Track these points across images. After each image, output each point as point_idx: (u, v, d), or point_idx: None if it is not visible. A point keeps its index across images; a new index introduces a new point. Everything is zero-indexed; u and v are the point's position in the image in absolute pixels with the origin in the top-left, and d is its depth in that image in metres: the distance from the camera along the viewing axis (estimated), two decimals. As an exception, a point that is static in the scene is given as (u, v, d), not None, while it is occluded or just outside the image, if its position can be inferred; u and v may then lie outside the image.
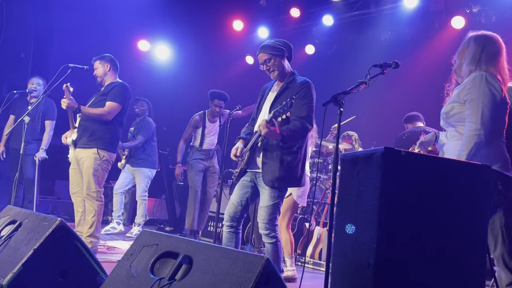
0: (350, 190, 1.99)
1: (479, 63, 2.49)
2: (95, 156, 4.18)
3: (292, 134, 3.00)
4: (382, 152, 1.82)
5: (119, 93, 4.32)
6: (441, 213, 1.89)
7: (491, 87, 2.36)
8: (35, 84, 5.46)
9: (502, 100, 2.37)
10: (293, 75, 3.23)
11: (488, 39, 2.57)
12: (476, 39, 2.58)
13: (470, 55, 2.54)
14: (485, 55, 2.50)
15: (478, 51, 2.52)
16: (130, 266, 2.05)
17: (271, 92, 3.27)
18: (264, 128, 2.87)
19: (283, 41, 3.25)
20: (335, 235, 2.09)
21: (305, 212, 5.60)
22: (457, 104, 2.48)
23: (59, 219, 2.27)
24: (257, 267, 1.66)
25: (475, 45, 2.55)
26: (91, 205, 4.16)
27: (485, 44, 2.54)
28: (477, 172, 1.99)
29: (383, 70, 2.66)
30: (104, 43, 7.23)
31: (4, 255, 2.28)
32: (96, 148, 4.19)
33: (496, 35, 2.62)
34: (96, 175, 4.19)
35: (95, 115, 4.21)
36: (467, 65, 2.54)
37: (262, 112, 3.27)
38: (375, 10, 7.12)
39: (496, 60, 2.50)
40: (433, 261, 1.85)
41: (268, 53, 3.17)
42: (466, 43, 2.63)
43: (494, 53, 2.52)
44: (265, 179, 3.04)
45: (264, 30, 8.20)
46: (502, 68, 2.50)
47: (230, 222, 3.18)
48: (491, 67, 2.47)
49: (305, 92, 3.09)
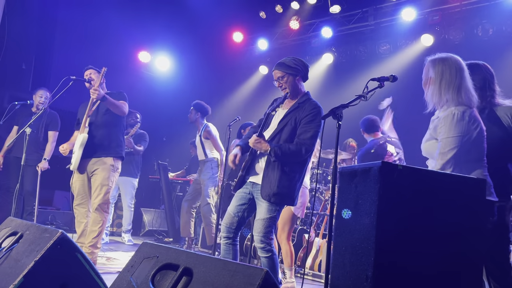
0: (348, 204, 2.02)
1: (440, 95, 2.46)
2: (111, 168, 4.19)
3: (283, 153, 3.03)
4: (379, 166, 1.85)
5: (125, 97, 4.42)
6: (438, 226, 1.92)
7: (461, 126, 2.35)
8: (43, 98, 5.52)
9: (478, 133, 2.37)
10: (306, 96, 3.24)
11: (445, 63, 2.50)
12: (433, 66, 2.53)
13: (431, 88, 2.51)
14: (444, 84, 2.45)
15: (437, 82, 2.48)
16: (131, 278, 2.06)
17: (281, 109, 3.26)
18: (253, 143, 3.06)
19: (300, 60, 3.25)
20: (334, 247, 2.11)
21: (304, 223, 5.60)
22: (434, 141, 2.48)
23: (60, 231, 2.28)
24: (257, 280, 1.68)
25: (434, 75, 2.50)
26: (100, 215, 4.14)
27: (443, 71, 2.48)
28: (473, 186, 2.02)
29: (381, 84, 2.69)
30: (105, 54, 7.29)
31: (5, 267, 2.29)
32: (111, 157, 4.22)
33: (453, 56, 2.54)
34: (110, 186, 4.21)
35: (117, 106, 4.23)
36: (430, 99, 2.52)
37: (271, 125, 3.28)
38: (373, 23, 7.20)
39: (457, 85, 2.44)
40: (431, 273, 1.87)
41: (282, 71, 3.19)
42: (425, 71, 2.59)
43: (452, 79, 2.45)
44: (263, 193, 3.07)
45: (264, 42, 8.29)
46: (465, 91, 2.44)
47: (226, 233, 3.20)
48: (453, 95, 2.42)
49: (313, 117, 3.10)
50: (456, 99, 2.43)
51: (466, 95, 2.43)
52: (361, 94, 2.63)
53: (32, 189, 5.36)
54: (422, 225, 1.89)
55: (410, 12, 6.63)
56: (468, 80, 2.49)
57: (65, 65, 7.08)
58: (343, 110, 2.67)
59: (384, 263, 1.80)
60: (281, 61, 3.24)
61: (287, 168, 3.07)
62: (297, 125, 3.12)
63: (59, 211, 7.08)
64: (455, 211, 1.97)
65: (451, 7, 6.46)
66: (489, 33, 6.18)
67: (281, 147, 3.04)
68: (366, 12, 7.24)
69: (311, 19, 7.89)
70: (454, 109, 2.40)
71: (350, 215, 1.93)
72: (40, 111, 4.83)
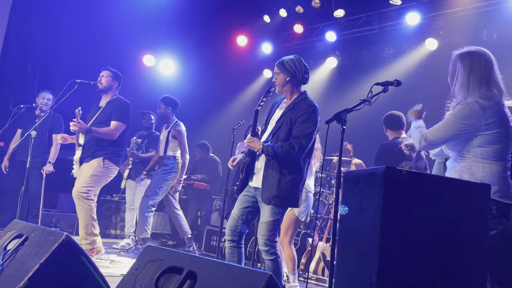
0: (352, 208, 2.02)
1: (468, 89, 2.47)
2: (98, 164, 4.34)
3: (275, 152, 3.05)
4: (383, 171, 1.85)
5: (124, 112, 4.50)
6: (442, 230, 1.92)
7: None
8: (46, 99, 5.55)
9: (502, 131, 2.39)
10: (302, 96, 3.27)
11: (474, 57, 2.53)
12: (462, 60, 2.54)
13: (459, 81, 2.52)
14: (473, 79, 2.47)
15: (465, 76, 2.49)
16: (135, 281, 2.07)
17: (279, 110, 3.33)
18: (247, 143, 3.11)
19: (298, 62, 3.28)
20: (338, 252, 2.11)
21: (308, 227, 5.59)
22: None
23: (65, 234, 2.29)
24: (261, 284, 1.68)
25: (462, 69, 2.52)
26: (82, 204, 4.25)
27: (471, 65, 2.50)
28: (477, 191, 2.02)
29: (385, 88, 2.69)
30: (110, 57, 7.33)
31: (10, 269, 2.31)
32: (101, 157, 4.37)
33: (481, 49, 2.57)
34: (94, 178, 4.29)
35: (103, 135, 4.38)
36: (458, 92, 2.53)
37: (269, 126, 3.31)
38: (377, 27, 7.21)
39: (487, 79, 2.46)
40: (435, 278, 1.86)
41: (277, 68, 3.30)
42: (453, 65, 2.60)
43: (483, 72, 2.47)
44: (263, 196, 3.09)
45: (268, 46, 8.31)
46: (495, 83, 2.46)
47: (231, 236, 3.20)
48: (482, 89, 2.44)
49: (308, 116, 3.12)
50: (487, 93, 2.43)
51: (497, 87, 2.45)
52: (366, 98, 2.63)
53: (37, 191, 5.39)
54: (427, 230, 1.89)
55: (414, 16, 6.64)
56: (497, 73, 2.51)
57: (71, 68, 7.13)
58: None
59: (388, 268, 1.80)
60: (282, 58, 3.33)
61: (286, 170, 3.08)
62: (292, 126, 3.14)
63: (63, 213, 7.10)
64: (459, 216, 1.96)
65: (455, 11, 6.46)
66: (494, 37, 6.16)
67: (273, 146, 3.07)
68: (370, 16, 7.25)
69: (315, 23, 7.91)
70: (476, 99, 2.40)
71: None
72: (46, 114, 4.87)
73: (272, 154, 3.05)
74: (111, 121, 4.43)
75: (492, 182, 2.28)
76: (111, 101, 4.56)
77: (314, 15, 7.82)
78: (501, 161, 2.39)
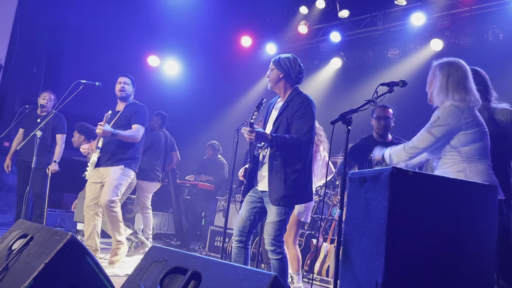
0: (358, 209, 2.01)
1: (447, 93, 2.61)
2: (121, 171, 4.46)
3: (284, 141, 3.05)
4: (390, 171, 1.84)
5: (143, 116, 4.61)
6: (448, 231, 1.90)
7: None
8: (47, 99, 5.56)
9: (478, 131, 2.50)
10: (294, 92, 3.29)
11: (452, 66, 2.68)
12: (442, 68, 2.69)
13: (438, 86, 2.66)
14: (451, 84, 2.61)
15: (444, 81, 2.64)
16: (140, 281, 2.07)
17: (274, 110, 3.35)
18: (248, 135, 3.04)
19: (294, 62, 3.29)
20: (343, 253, 2.10)
21: (312, 228, 5.58)
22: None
23: (69, 234, 2.30)
24: (265, 285, 1.67)
25: (441, 75, 2.66)
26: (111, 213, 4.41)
27: (449, 73, 2.64)
28: (483, 192, 2.00)
29: (391, 89, 2.68)
30: (115, 58, 7.36)
31: (15, 269, 2.31)
32: (122, 165, 4.48)
33: (459, 60, 2.72)
34: (118, 187, 4.45)
35: (127, 138, 4.47)
36: (437, 96, 2.66)
37: (267, 128, 3.31)
38: (382, 27, 7.19)
39: (463, 86, 2.60)
40: (442, 279, 1.85)
41: (273, 64, 3.33)
42: (432, 73, 2.74)
43: (460, 80, 2.62)
44: (271, 198, 3.09)
45: (272, 47, 8.30)
46: (469, 91, 2.60)
47: (239, 237, 3.20)
48: (459, 94, 2.57)
49: (304, 111, 3.14)
50: (463, 97, 2.57)
51: (471, 94, 2.60)
52: (371, 99, 2.62)
53: (41, 191, 5.40)
54: (433, 231, 1.88)
55: (419, 17, 6.61)
56: (472, 82, 2.66)
57: (75, 69, 7.15)
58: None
59: (394, 269, 1.78)
60: (279, 55, 3.35)
61: (289, 169, 3.08)
62: (290, 124, 3.15)
63: (67, 213, 7.12)
64: (465, 217, 1.95)
65: (461, 11, 6.43)
66: (500, 38, 6.13)
67: (281, 136, 3.07)
68: (375, 17, 7.23)
69: (320, 24, 7.90)
70: (452, 103, 2.54)
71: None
72: (51, 115, 4.88)
73: (282, 144, 3.03)
74: (132, 125, 4.52)
75: (481, 180, 2.35)
76: (129, 106, 4.66)
77: (318, 15, 7.82)
78: (484, 160, 2.48)
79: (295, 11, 8.02)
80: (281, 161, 3.09)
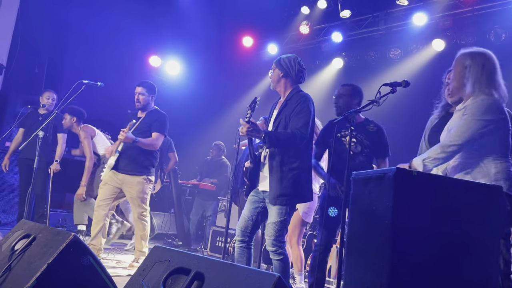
0: (362, 209, 2.00)
1: (481, 85, 2.43)
2: (143, 182, 4.54)
3: (277, 136, 3.08)
4: (394, 172, 1.84)
5: (163, 124, 4.65)
6: (453, 232, 1.89)
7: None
8: (50, 99, 5.57)
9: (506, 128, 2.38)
10: (293, 91, 3.30)
11: (485, 57, 2.51)
12: (473, 57, 2.51)
13: (473, 76, 2.46)
14: (486, 76, 2.45)
15: (479, 71, 2.46)
16: (142, 281, 2.06)
17: (275, 110, 3.38)
18: (241, 129, 3.08)
19: (294, 61, 3.30)
20: (347, 254, 2.09)
21: (314, 228, 5.57)
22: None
23: (72, 234, 2.29)
24: (269, 285, 1.67)
25: (475, 65, 2.48)
26: (142, 223, 4.62)
27: (484, 63, 2.48)
28: (488, 193, 1.99)
29: (394, 89, 2.68)
30: (116, 58, 7.36)
31: (18, 269, 2.31)
32: (145, 175, 4.56)
33: (489, 51, 2.57)
34: (144, 198, 4.59)
35: (147, 145, 4.52)
36: (472, 86, 2.46)
37: (269, 128, 3.33)
38: (384, 28, 7.18)
39: (494, 79, 2.46)
40: (447, 281, 1.84)
41: (274, 64, 3.37)
42: (461, 62, 2.54)
43: (492, 72, 2.47)
44: (270, 198, 3.09)
45: (274, 47, 8.30)
46: (499, 86, 2.48)
47: (241, 237, 3.20)
48: (491, 88, 2.43)
49: (301, 108, 3.16)
50: (495, 91, 2.42)
51: (502, 89, 2.46)
52: (374, 99, 2.62)
53: (43, 191, 5.40)
54: (437, 231, 1.87)
55: (421, 17, 6.60)
56: (500, 75, 2.51)
57: (77, 69, 7.15)
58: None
59: (399, 270, 1.78)
60: (281, 55, 3.38)
61: (286, 167, 3.08)
62: (288, 122, 3.17)
63: (70, 213, 7.12)
64: (470, 217, 1.94)
65: (463, 11, 6.42)
66: (502, 38, 6.12)
67: (274, 132, 3.12)
68: (376, 17, 7.22)
69: (321, 24, 7.89)
70: (486, 97, 2.38)
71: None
72: (53, 115, 4.89)
73: (275, 139, 3.06)
74: (153, 133, 4.56)
75: (505, 178, 2.28)
76: (150, 113, 4.68)
77: (320, 15, 7.81)
78: (507, 158, 2.40)
79: (296, 11, 8.01)
80: (278, 160, 3.09)
